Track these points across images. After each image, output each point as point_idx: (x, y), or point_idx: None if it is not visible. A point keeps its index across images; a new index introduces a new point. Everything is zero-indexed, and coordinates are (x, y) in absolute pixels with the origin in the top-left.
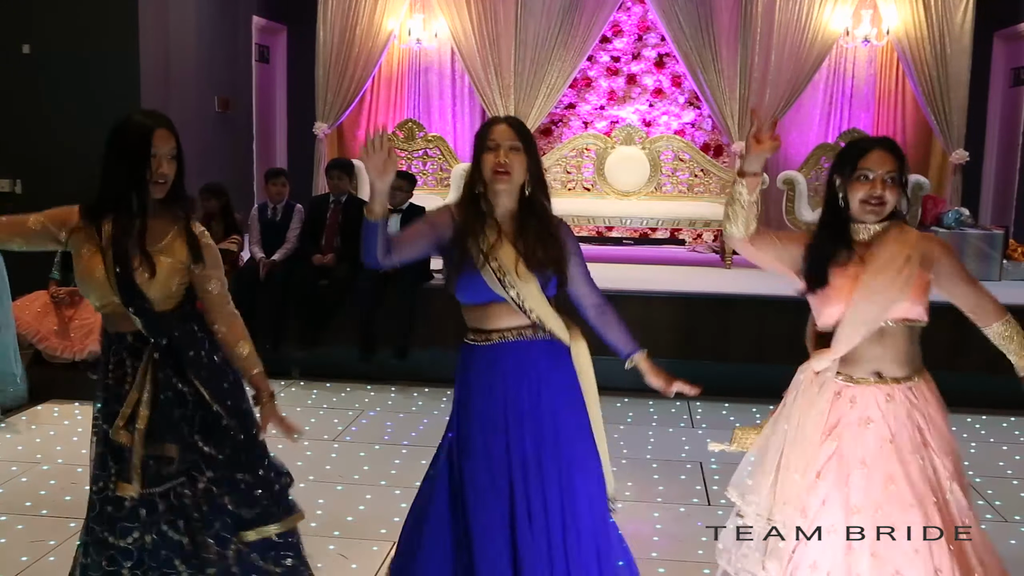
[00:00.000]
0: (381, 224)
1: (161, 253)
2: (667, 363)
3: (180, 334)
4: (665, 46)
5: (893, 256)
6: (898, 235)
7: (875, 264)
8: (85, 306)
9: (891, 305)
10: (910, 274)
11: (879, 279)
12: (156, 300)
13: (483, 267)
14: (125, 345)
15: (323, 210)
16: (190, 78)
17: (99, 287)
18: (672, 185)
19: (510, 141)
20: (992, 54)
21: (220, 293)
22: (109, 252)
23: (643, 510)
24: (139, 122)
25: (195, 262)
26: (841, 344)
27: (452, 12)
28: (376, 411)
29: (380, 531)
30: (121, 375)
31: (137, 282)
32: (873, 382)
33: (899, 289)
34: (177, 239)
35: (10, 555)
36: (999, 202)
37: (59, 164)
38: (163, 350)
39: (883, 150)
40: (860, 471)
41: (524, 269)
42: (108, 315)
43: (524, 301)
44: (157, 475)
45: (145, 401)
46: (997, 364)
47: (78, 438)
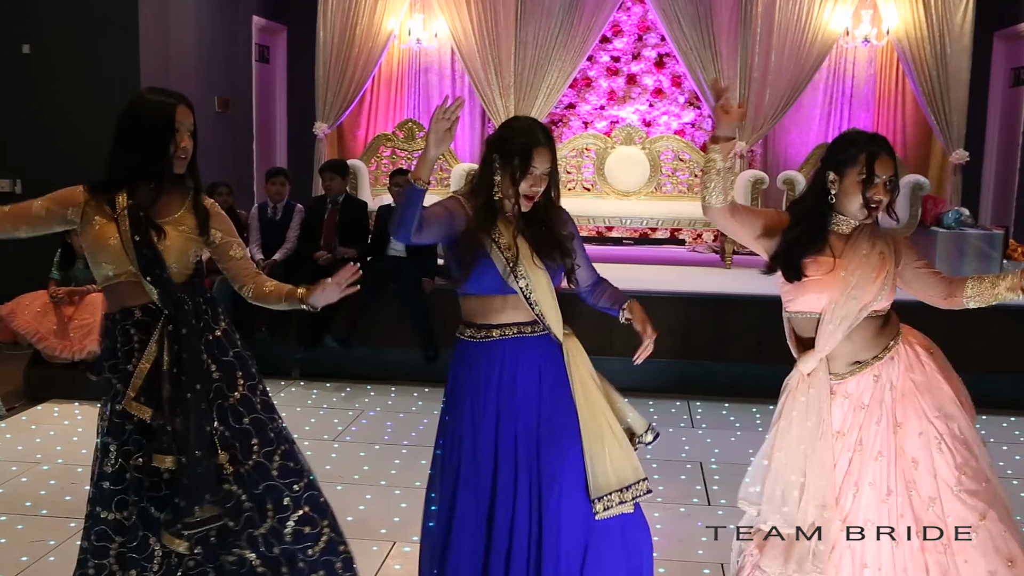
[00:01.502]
0: (423, 194)
1: (174, 224)
2: (667, 363)
3: (189, 307)
4: (665, 46)
5: (868, 253)
6: (871, 233)
7: (852, 262)
8: (84, 306)
9: (870, 303)
10: (888, 273)
11: (856, 276)
12: (173, 271)
13: (497, 257)
14: (132, 320)
15: (321, 211)
16: (190, 78)
17: (114, 256)
18: (672, 185)
19: (545, 167)
20: (992, 54)
21: (244, 257)
22: (125, 221)
23: (643, 510)
24: (159, 99)
25: (201, 233)
26: (824, 343)
27: (452, 12)
28: (376, 411)
29: (380, 531)
30: (129, 351)
31: (158, 250)
32: (857, 371)
33: (879, 288)
34: (188, 211)
35: (10, 555)
36: (999, 202)
37: (59, 164)
38: (176, 322)
39: (887, 155)
40: (878, 461)
41: (538, 260)
42: (116, 288)
43: (532, 293)
44: (178, 448)
45: (163, 372)
46: (997, 364)
47: (78, 438)
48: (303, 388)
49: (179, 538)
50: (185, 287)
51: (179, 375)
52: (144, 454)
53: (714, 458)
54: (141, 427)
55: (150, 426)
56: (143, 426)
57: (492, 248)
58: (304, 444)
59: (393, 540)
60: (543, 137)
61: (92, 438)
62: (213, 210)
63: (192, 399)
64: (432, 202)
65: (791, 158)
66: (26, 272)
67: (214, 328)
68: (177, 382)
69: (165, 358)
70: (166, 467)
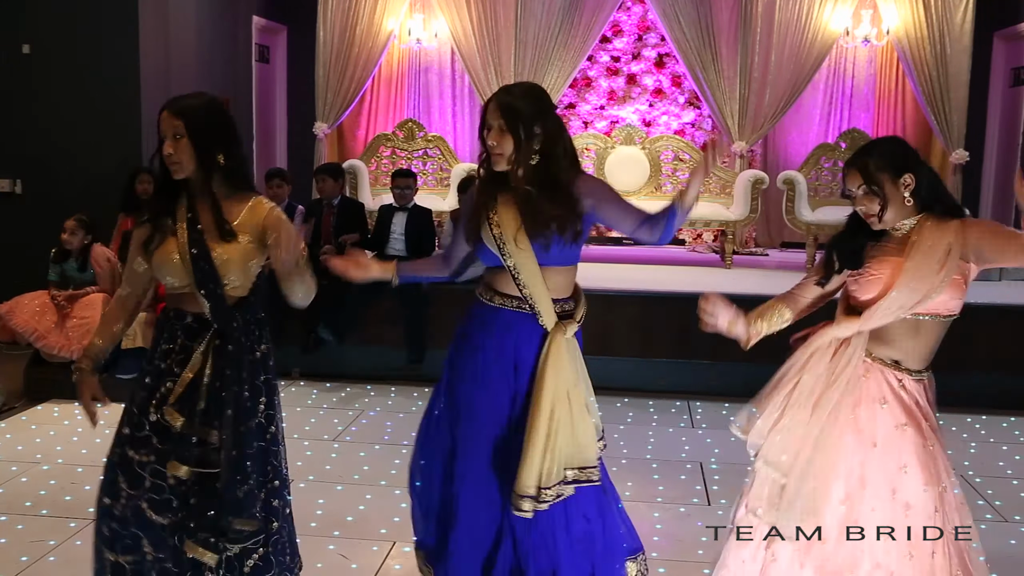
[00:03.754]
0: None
1: (233, 235)
2: (667, 363)
3: (239, 324)
4: (665, 46)
5: (934, 246)
6: (935, 225)
7: (917, 253)
8: (83, 305)
9: (931, 295)
10: (951, 267)
11: (921, 268)
12: (234, 283)
13: (486, 234)
14: (183, 325)
15: (318, 214)
16: (190, 78)
17: (176, 271)
18: (672, 185)
19: (499, 121)
20: (992, 54)
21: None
22: (184, 235)
23: (643, 510)
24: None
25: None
26: (872, 320)
27: (452, 12)
28: (376, 411)
29: (380, 531)
30: (168, 351)
31: (215, 264)
32: (891, 367)
33: (940, 281)
34: (245, 219)
35: (10, 555)
36: (999, 202)
37: (59, 164)
38: (223, 337)
39: (849, 168)
40: (873, 451)
41: (524, 238)
42: (179, 296)
43: (519, 273)
44: (203, 458)
45: (205, 385)
46: (997, 364)
47: (78, 438)
48: (303, 388)
49: (213, 550)
50: (240, 303)
51: (221, 390)
52: (157, 457)
53: (714, 458)
54: (158, 428)
55: (168, 430)
56: (160, 428)
57: (484, 225)
58: (304, 444)
59: (393, 540)
60: (501, 93)
61: (92, 438)
62: (273, 213)
63: (231, 416)
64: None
65: (791, 158)
66: (26, 272)
67: (255, 349)
68: (217, 397)
69: (207, 371)
70: (178, 475)
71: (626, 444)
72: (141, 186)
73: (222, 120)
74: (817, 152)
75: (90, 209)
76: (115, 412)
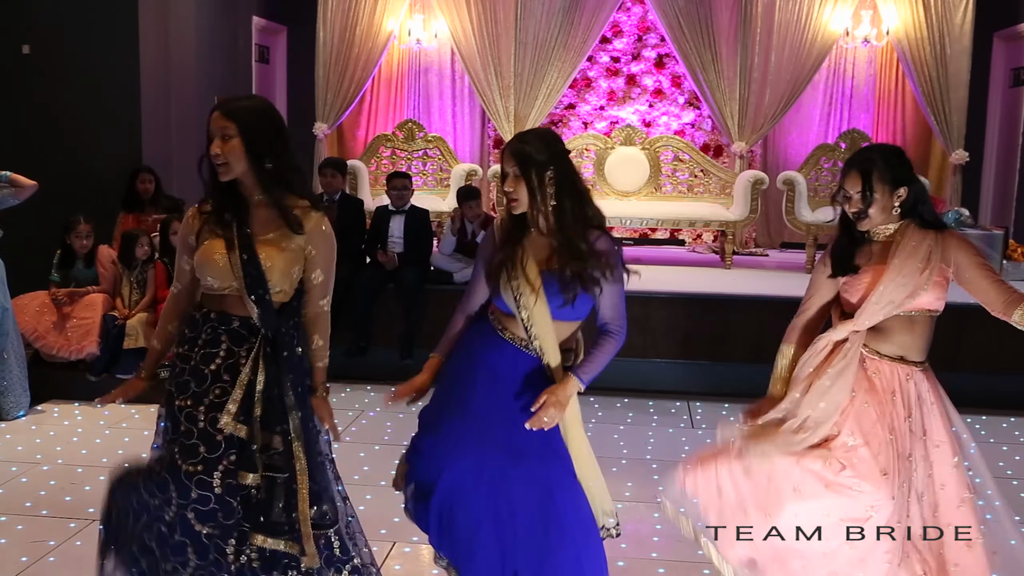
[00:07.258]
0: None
1: (274, 243)
2: (667, 363)
3: (286, 330)
4: (665, 46)
5: (917, 246)
6: (916, 230)
7: (902, 251)
8: (83, 306)
9: (916, 292)
10: (934, 267)
11: (906, 264)
12: (277, 289)
13: (504, 285)
14: (228, 329)
15: None
16: (190, 78)
17: (219, 273)
18: (672, 185)
19: (514, 169)
20: (992, 54)
21: (319, 284)
22: (233, 238)
23: (643, 510)
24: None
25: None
26: (864, 318)
27: (452, 12)
28: (376, 411)
29: (380, 531)
30: (210, 354)
31: (263, 270)
32: (897, 361)
33: (925, 280)
34: (288, 227)
35: (10, 555)
36: (999, 202)
37: (59, 164)
38: (271, 343)
39: (850, 170)
40: (885, 439)
41: (541, 292)
42: (216, 295)
43: (532, 326)
44: (268, 464)
45: (260, 392)
46: (997, 364)
47: (78, 438)
48: None
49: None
50: (283, 308)
51: (280, 396)
52: (204, 468)
53: None
54: (205, 435)
55: (214, 436)
56: (207, 435)
57: (502, 276)
58: None
59: (393, 540)
60: (515, 141)
61: (92, 438)
62: (320, 227)
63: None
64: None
65: (791, 158)
66: (26, 272)
67: (301, 353)
68: (279, 403)
69: (260, 378)
70: (247, 483)
71: (626, 444)
72: (142, 185)
73: (275, 125)
74: (817, 152)
75: (90, 209)
76: (116, 412)
